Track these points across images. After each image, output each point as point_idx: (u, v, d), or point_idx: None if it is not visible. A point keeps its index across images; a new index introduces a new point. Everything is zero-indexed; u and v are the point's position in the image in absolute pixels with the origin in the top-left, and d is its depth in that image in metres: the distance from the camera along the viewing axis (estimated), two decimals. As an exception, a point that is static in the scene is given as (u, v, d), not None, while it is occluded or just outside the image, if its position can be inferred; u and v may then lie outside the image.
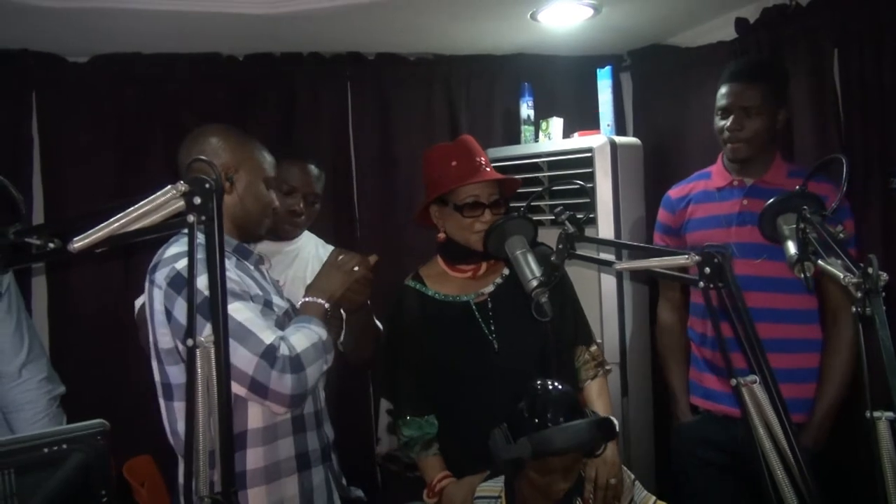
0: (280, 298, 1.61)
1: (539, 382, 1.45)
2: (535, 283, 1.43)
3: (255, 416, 1.46)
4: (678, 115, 2.83)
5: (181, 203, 0.95)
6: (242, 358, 1.33)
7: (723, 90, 1.99)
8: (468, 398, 1.71)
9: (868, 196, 2.07)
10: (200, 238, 0.99)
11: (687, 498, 2.15)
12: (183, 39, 2.51)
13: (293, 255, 2.19)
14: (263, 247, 1.93)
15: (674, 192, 2.23)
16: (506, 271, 1.81)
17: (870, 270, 1.02)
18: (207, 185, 0.93)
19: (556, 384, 1.45)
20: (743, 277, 1.87)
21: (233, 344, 1.30)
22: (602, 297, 2.57)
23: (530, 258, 1.48)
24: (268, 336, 1.36)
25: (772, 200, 1.29)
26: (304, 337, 1.42)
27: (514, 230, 1.54)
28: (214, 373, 0.91)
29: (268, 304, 1.49)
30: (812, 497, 1.04)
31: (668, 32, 2.86)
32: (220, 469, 0.87)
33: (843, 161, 1.31)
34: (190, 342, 0.91)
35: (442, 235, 1.82)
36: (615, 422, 1.63)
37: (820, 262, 1.15)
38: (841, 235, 1.19)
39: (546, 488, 1.41)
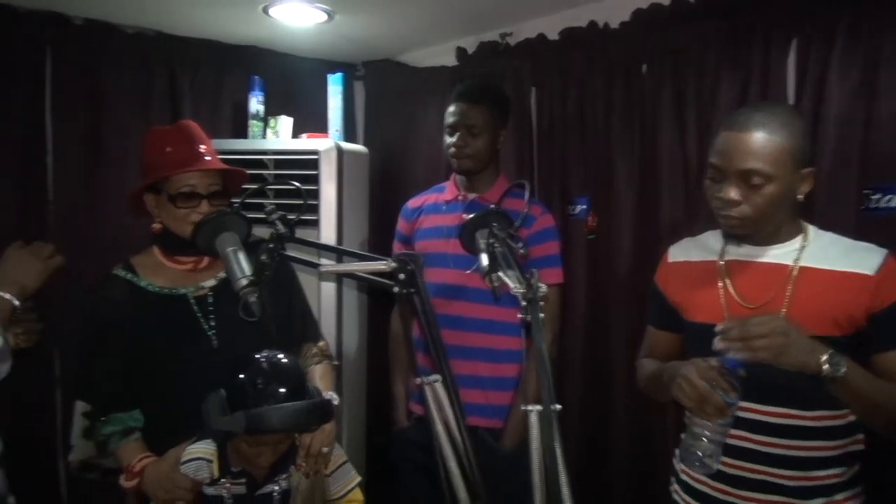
0: None
1: (265, 354, 1.43)
2: (243, 281, 1.39)
3: None
4: (404, 129, 2.99)
5: None
6: None
7: (450, 109, 2.11)
8: (183, 395, 1.61)
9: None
10: None
11: (400, 499, 2.23)
12: None
13: None
14: None
15: (411, 203, 2.31)
16: None
17: (532, 282, 1.17)
18: None
19: (282, 357, 1.44)
20: (455, 287, 2.06)
21: None
22: (321, 299, 2.60)
23: (241, 256, 1.43)
24: None
25: (470, 217, 1.41)
26: None
27: (226, 226, 1.49)
28: None
29: None
30: (479, 488, 1.16)
31: (400, 49, 3.00)
32: None
33: (525, 185, 1.49)
34: None
35: (158, 226, 1.70)
36: (335, 401, 1.65)
37: (499, 273, 1.28)
38: (521, 251, 1.34)
39: (253, 458, 1.43)
